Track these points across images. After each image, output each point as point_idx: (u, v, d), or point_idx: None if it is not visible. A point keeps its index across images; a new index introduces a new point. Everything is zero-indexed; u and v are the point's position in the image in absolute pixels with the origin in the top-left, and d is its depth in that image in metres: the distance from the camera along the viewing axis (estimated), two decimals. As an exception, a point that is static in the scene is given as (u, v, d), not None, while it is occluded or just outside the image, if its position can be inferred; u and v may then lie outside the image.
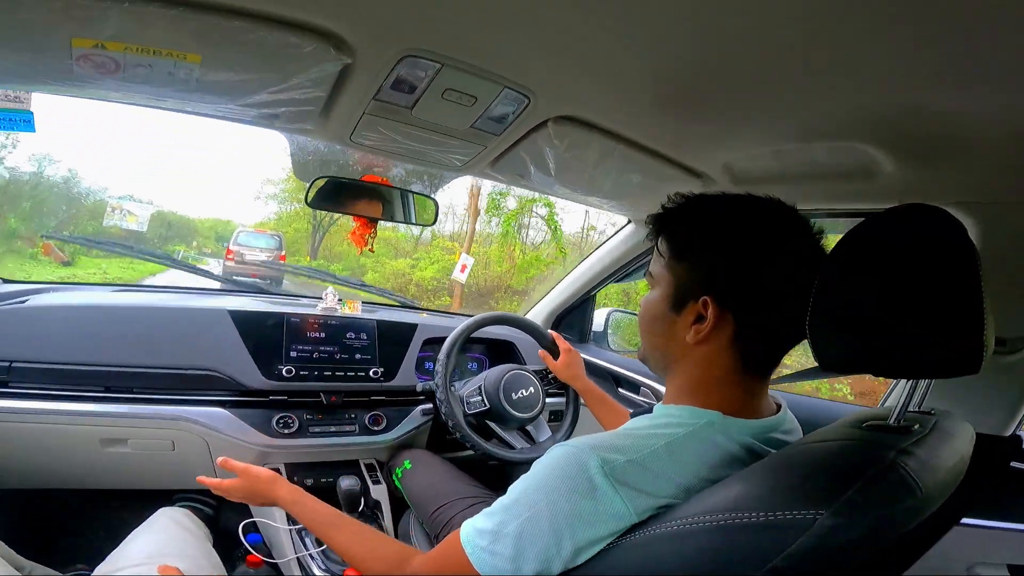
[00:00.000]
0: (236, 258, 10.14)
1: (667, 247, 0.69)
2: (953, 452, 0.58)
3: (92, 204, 12.31)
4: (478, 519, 0.63)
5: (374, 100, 0.87)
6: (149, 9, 0.64)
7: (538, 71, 0.79)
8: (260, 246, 11.02)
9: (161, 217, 15.47)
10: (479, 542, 0.60)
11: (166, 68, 0.74)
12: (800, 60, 0.65)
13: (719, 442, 0.62)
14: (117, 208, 1.96)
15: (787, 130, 0.85)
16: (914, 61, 0.60)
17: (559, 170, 1.12)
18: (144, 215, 2.11)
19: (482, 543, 0.60)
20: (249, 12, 0.66)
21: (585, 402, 1.37)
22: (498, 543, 0.59)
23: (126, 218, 1.95)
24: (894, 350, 0.54)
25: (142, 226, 2.02)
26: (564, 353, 1.43)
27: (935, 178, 0.89)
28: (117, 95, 0.86)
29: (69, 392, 1.22)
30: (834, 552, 0.46)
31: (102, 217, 12.02)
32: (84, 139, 21.34)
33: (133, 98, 0.86)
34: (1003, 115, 0.68)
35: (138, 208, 4.10)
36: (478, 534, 0.61)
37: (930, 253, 0.54)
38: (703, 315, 0.64)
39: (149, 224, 3.39)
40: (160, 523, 1.15)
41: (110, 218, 1.99)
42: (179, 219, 17.43)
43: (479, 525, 0.62)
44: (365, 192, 1.50)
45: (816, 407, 1.31)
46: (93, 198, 12.64)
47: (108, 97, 0.89)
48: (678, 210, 0.69)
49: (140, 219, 2.03)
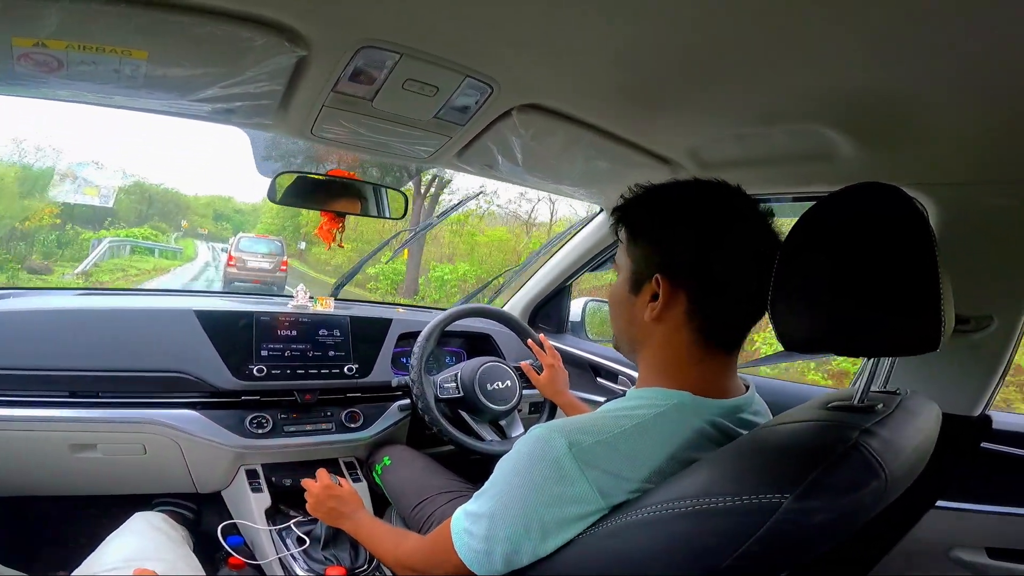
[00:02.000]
0: (238, 264, 10.10)
1: (626, 234, 0.72)
2: (917, 432, 0.59)
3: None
4: (468, 503, 0.66)
5: (333, 92, 0.85)
6: (90, 6, 0.62)
7: (500, 60, 0.78)
8: (262, 252, 11.02)
9: (140, 190, 14.10)
10: (462, 524, 0.64)
11: (111, 65, 0.72)
12: (758, 45, 0.65)
13: (690, 422, 0.62)
14: (69, 176, 1.77)
15: (748, 114, 0.86)
16: (868, 43, 0.61)
17: (526, 159, 1.11)
18: (109, 186, 1.94)
19: (464, 525, 0.64)
20: (195, 7, 0.64)
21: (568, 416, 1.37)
22: (475, 524, 0.62)
23: (82, 191, 1.79)
24: (853, 329, 0.55)
25: (106, 200, 1.86)
26: (548, 369, 1.41)
27: (894, 160, 0.91)
28: (63, 93, 0.83)
29: (33, 398, 1.19)
30: (804, 535, 0.47)
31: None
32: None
33: (79, 96, 0.84)
34: (958, 97, 0.69)
35: (100, 177, 3.67)
36: (464, 516, 0.65)
37: (884, 231, 0.54)
38: (657, 293, 0.66)
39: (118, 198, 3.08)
40: (136, 526, 1.13)
41: (58, 190, 1.80)
42: (165, 194, 15.73)
43: (467, 508, 0.65)
44: (334, 187, 1.48)
45: (785, 389, 1.33)
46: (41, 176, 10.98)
47: (54, 96, 0.86)
48: (635, 199, 0.72)
49: (103, 192, 1.88)
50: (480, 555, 0.61)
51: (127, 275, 10.09)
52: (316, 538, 1.26)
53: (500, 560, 0.59)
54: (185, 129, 22.29)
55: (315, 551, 1.25)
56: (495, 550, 0.59)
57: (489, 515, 0.60)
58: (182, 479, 1.35)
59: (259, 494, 1.33)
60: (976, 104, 0.70)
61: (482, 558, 0.61)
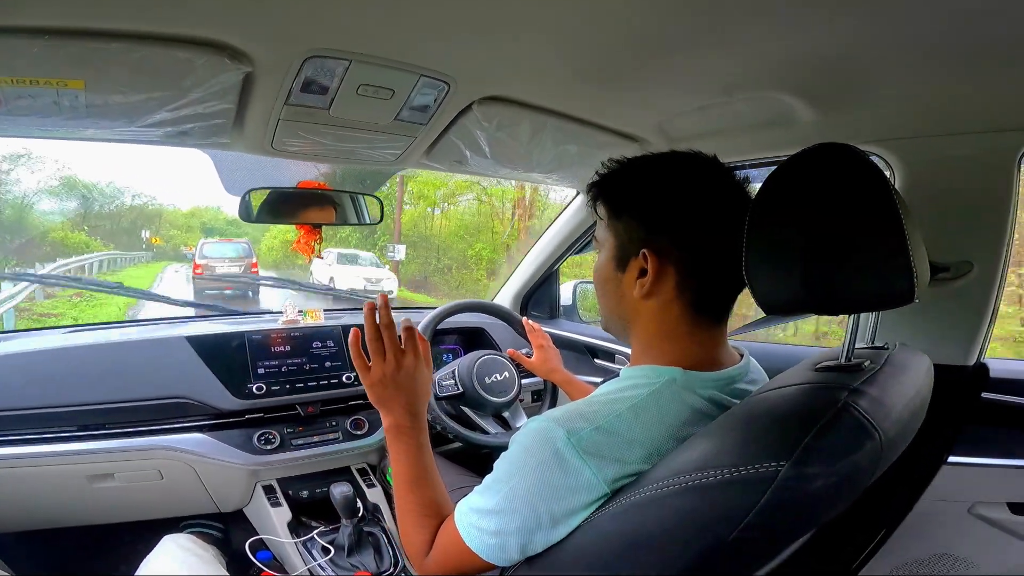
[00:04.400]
0: (206, 272, 9.57)
1: (605, 210, 0.70)
2: (908, 386, 0.59)
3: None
4: (470, 498, 0.65)
5: (286, 105, 0.83)
6: (19, 40, 0.60)
7: (452, 55, 0.77)
8: (228, 256, 10.44)
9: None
10: (469, 519, 0.63)
11: (49, 97, 0.70)
12: (709, 17, 0.64)
13: (684, 398, 0.62)
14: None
15: (708, 87, 0.85)
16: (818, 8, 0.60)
17: (494, 151, 1.10)
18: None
19: (471, 520, 0.63)
20: (126, 33, 0.62)
21: (567, 393, 1.37)
22: (483, 519, 0.62)
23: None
24: (827, 288, 0.55)
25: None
26: (537, 350, 1.42)
27: (853, 120, 0.91)
28: (4, 127, 0.81)
29: (44, 435, 1.20)
30: (806, 502, 0.46)
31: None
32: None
33: (22, 131, 0.82)
34: (907, 56, 0.69)
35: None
36: (469, 512, 0.64)
37: (844, 189, 0.54)
38: (645, 268, 0.65)
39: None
40: (167, 549, 1.15)
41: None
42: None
43: (471, 503, 0.64)
44: (308, 199, 1.46)
45: (778, 352, 1.33)
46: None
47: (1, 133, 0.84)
48: (611, 174, 0.70)
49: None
50: (494, 548, 0.61)
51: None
52: (340, 546, 1.28)
53: (516, 550, 0.60)
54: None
55: (341, 559, 1.26)
56: (509, 543, 0.60)
57: (497, 511, 0.60)
58: (203, 500, 1.37)
59: (279, 508, 1.34)
60: (925, 61, 0.70)
61: (497, 551, 0.61)
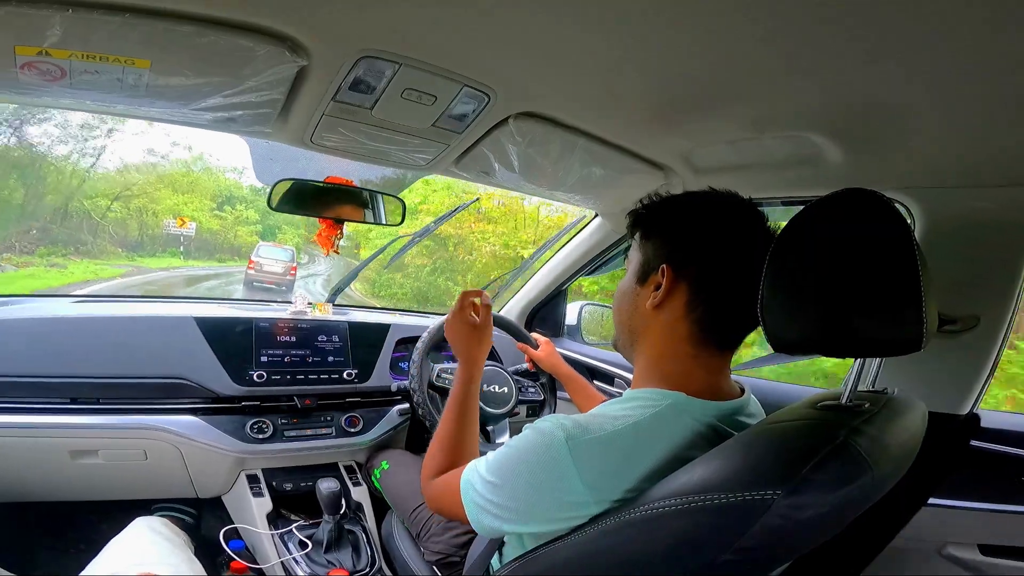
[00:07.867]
0: (256, 268, 12.58)
1: (639, 233, 0.76)
2: (903, 430, 0.60)
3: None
4: (480, 461, 0.71)
5: (333, 101, 0.86)
6: (93, 16, 0.63)
7: (497, 69, 0.80)
8: (277, 258, 13.40)
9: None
10: (470, 476, 0.71)
11: (114, 74, 0.73)
12: (753, 59, 0.67)
13: (685, 422, 0.64)
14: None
15: (740, 122, 0.87)
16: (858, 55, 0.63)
17: (523, 166, 1.12)
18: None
19: (472, 478, 0.70)
20: (198, 16, 0.65)
21: (567, 389, 1.39)
22: (481, 484, 0.68)
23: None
24: (839, 331, 0.56)
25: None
26: (544, 343, 1.49)
27: (880, 165, 0.93)
28: (66, 102, 0.84)
29: (34, 404, 1.19)
30: (795, 530, 0.48)
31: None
32: None
33: (82, 104, 0.84)
34: (940, 106, 0.71)
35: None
36: (474, 471, 0.71)
37: (867, 235, 0.56)
38: (660, 283, 0.69)
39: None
40: (137, 531, 1.13)
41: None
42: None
43: (479, 465, 0.70)
44: (332, 194, 1.49)
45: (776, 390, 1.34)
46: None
47: (57, 104, 0.87)
48: (652, 204, 0.76)
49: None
50: (474, 509, 0.68)
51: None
52: (318, 541, 1.27)
53: (493, 523, 0.66)
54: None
55: (317, 555, 1.26)
56: (482, 519, 0.67)
57: (494, 485, 0.66)
58: (183, 484, 1.36)
59: (260, 499, 1.34)
60: (957, 112, 0.72)
61: (475, 513, 0.68)
